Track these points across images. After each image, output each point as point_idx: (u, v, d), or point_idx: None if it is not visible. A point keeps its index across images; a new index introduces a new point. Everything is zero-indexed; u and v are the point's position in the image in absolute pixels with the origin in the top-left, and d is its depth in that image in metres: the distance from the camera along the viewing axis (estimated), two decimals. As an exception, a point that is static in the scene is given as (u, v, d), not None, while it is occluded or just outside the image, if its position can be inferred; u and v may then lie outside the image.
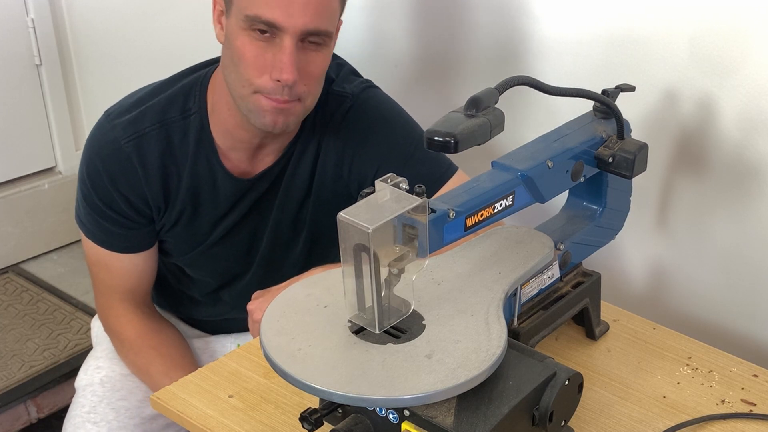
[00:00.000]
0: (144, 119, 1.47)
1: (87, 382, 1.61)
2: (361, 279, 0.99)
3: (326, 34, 1.34)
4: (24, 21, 2.57)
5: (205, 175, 1.49)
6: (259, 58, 1.32)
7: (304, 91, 1.35)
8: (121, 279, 1.58)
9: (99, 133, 1.50)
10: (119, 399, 1.57)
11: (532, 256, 1.17)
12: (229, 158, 1.49)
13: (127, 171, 1.47)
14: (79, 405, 1.58)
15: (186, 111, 1.47)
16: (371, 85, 1.54)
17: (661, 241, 1.59)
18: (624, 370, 1.26)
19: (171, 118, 1.47)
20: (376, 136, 1.48)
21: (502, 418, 0.97)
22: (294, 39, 1.30)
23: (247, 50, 1.33)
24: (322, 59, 1.36)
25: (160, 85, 1.52)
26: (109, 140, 1.47)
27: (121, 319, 1.60)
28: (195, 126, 1.47)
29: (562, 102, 1.29)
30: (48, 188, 2.76)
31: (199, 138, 1.47)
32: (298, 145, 1.49)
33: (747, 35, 1.36)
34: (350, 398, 0.94)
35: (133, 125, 1.46)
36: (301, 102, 1.37)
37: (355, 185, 1.50)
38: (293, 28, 1.29)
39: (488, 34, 1.68)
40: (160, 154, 1.47)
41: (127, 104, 1.50)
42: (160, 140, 1.46)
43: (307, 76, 1.34)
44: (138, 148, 1.46)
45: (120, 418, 1.55)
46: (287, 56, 1.30)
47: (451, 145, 0.96)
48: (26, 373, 2.28)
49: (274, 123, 1.37)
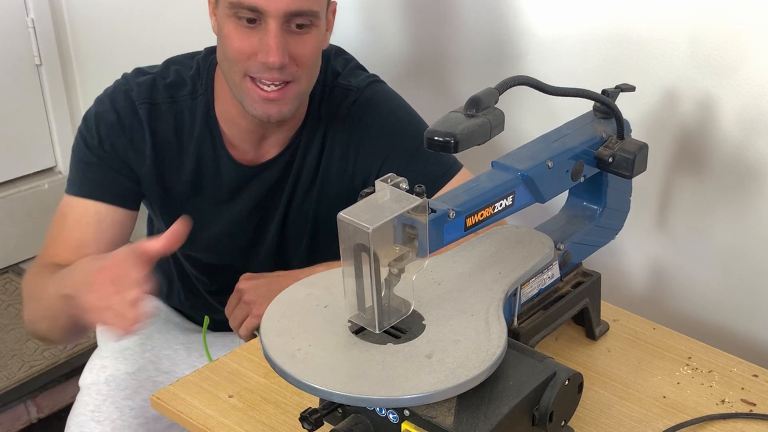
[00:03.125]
0: (158, 90, 1.48)
1: (92, 380, 1.60)
2: (361, 279, 0.99)
3: (312, 14, 1.34)
4: (24, 21, 2.56)
5: (209, 158, 1.50)
6: (246, 43, 1.34)
7: (295, 72, 1.36)
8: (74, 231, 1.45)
9: (114, 87, 1.50)
10: (124, 398, 1.57)
11: (532, 256, 1.17)
12: (234, 146, 1.50)
13: (135, 127, 1.47)
14: (83, 404, 1.57)
15: (194, 92, 1.49)
16: (377, 80, 1.55)
17: (661, 241, 1.58)
18: (624, 370, 1.26)
19: (182, 96, 1.49)
20: (381, 131, 1.48)
21: (502, 418, 0.97)
22: (278, 22, 1.31)
23: (233, 37, 1.34)
24: (311, 40, 1.36)
25: (174, 61, 1.53)
26: (123, 94, 1.48)
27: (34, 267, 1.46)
28: (201, 108, 1.48)
29: (562, 102, 1.29)
30: (48, 188, 2.75)
31: (205, 120, 1.48)
32: (304, 137, 1.49)
33: (747, 35, 1.36)
34: (350, 398, 0.94)
35: (148, 91, 1.47)
36: (294, 83, 1.37)
37: (360, 179, 1.50)
38: (276, 10, 1.30)
39: (488, 34, 1.68)
40: (170, 127, 1.48)
41: (144, 72, 1.51)
42: (171, 113, 1.48)
43: (297, 58, 1.35)
44: (150, 113, 1.47)
45: (124, 418, 1.54)
46: (272, 39, 1.31)
47: (451, 145, 0.96)
48: (26, 373, 2.27)
49: (267, 113, 1.38)
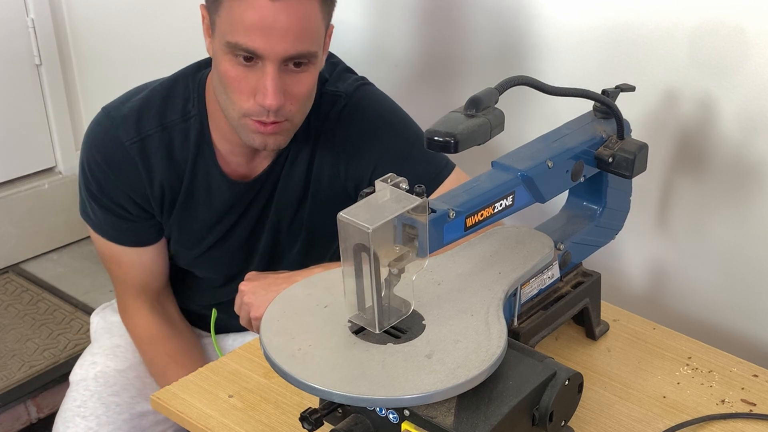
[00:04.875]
0: (146, 121, 1.47)
1: (81, 376, 1.61)
2: (361, 279, 0.99)
3: (309, 55, 1.33)
4: (24, 21, 2.56)
5: (202, 178, 1.50)
6: (243, 83, 1.33)
7: (291, 111, 1.35)
8: (132, 274, 1.59)
9: (100, 129, 1.49)
10: (111, 394, 1.57)
11: (532, 256, 1.17)
12: (228, 162, 1.49)
13: (129, 170, 1.47)
14: (71, 399, 1.58)
15: (186, 113, 1.47)
16: (365, 83, 1.53)
17: (661, 241, 1.58)
18: (624, 370, 1.26)
19: (172, 120, 1.47)
20: (371, 136, 1.47)
21: (502, 418, 0.97)
22: (275, 64, 1.30)
23: (230, 74, 1.33)
24: (307, 78, 1.35)
25: (158, 85, 1.51)
26: (110, 138, 1.47)
27: (135, 317, 1.61)
28: (195, 129, 1.47)
29: (562, 102, 1.29)
30: (48, 188, 2.75)
31: (199, 141, 1.48)
32: (293, 147, 1.48)
33: (747, 35, 1.36)
34: (350, 398, 0.94)
35: (135, 127, 1.46)
36: (289, 121, 1.37)
37: (352, 186, 1.49)
38: (274, 55, 1.29)
39: (488, 34, 1.68)
40: (163, 156, 1.47)
41: (127, 103, 1.49)
42: (162, 143, 1.47)
43: (293, 97, 1.34)
44: (142, 151, 1.46)
45: (109, 413, 1.54)
46: (270, 81, 1.30)
47: (451, 145, 0.96)
48: (26, 373, 2.27)
49: (264, 144, 1.38)
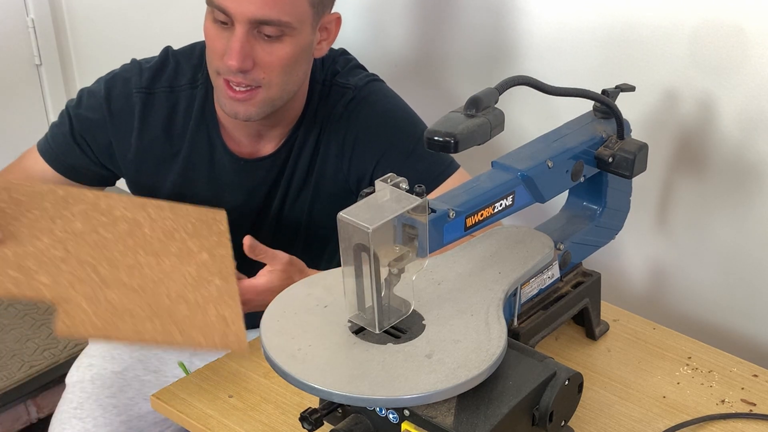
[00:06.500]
0: (159, 80, 1.51)
1: (77, 378, 1.60)
2: (361, 279, 0.99)
3: (281, 24, 1.34)
4: (24, 21, 2.56)
5: (203, 148, 1.51)
6: (217, 42, 1.37)
7: (262, 79, 1.37)
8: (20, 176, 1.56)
9: (120, 70, 1.54)
10: (108, 396, 1.57)
11: (532, 256, 1.17)
12: (232, 137, 1.51)
13: (126, 115, 1.50)
14: (67, 401, 1.57)
15: (194, 81, 1.51)
16: (376, 79, 1.54)
17: (661, 241, 1.58)
18: (624, 370, 1.26)
19: (181, 85, 1.51)
20: (377, 130, 1.48)
21: (502, 418, 0.97)
22: (244, 27, 1.33)
23: (209, 34, 1.38)
24: (281, 49, 1.36)
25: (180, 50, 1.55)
26: (123, 80, 1.52)
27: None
28: (200, 97, 1.50)
29: (562, 102, 1.29)
30: (48, 188, 2.75)
31: (202, 110, 1.50)
32: (300, 135, 1.49)
33: (747, 34, 1.36)
34: (350, 398, 0.94)
35: (149, 81, 1.51)
36: (263, 89, 1.38)
37: (354, 179, 1.49)
38: (241, 15, 1.32)
39: (488, 34, 1.68)
40: (164, 117, 1.50)
41: (153, 60, 1.54)
42: (168, 103, 1.50)
43: (265, 66, 1.36)
44: (144, 103, 1.50)
45: (107, 415, 1.54)
46: (235, 43, 1.34)
47: (451, 145, 0.96)
48: (26, 373, 2.27)
49: (234, 111, 1.40)
